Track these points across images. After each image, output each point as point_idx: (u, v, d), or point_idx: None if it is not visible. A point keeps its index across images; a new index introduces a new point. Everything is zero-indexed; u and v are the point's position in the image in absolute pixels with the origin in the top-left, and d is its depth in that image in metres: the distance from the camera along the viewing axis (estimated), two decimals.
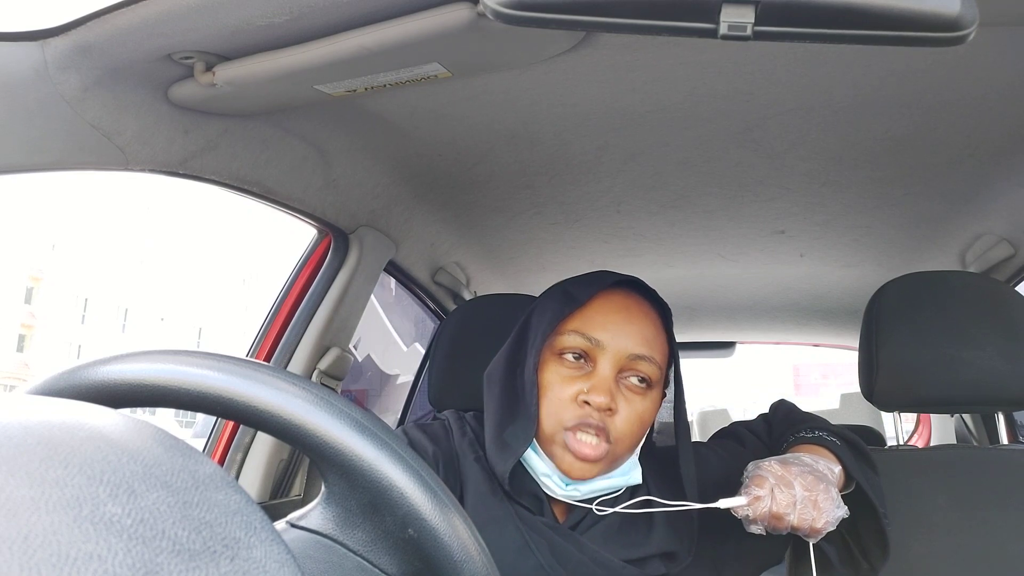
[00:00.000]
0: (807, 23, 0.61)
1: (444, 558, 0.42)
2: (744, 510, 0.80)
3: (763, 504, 0.79)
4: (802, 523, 0.79)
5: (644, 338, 0.90)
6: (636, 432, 0.89)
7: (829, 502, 0.80)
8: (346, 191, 1.38)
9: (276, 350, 1.45)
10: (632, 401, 0.88)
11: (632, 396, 0.89)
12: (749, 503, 0.80)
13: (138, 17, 0.78)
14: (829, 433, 0.94)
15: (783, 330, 2.82)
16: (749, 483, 0.82)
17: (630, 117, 1.20)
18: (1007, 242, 1.62)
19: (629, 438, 0.88)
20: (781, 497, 0.79)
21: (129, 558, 0.23)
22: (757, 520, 0.80)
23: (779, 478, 0.80)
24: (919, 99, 1.13)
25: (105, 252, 35.36)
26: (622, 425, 0.87)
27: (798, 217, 1.67)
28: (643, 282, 0.97)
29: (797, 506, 0.79)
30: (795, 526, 0.79)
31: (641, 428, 0.89)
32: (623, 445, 0.88)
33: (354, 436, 0.42)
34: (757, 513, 0.79)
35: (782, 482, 0.80)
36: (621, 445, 0.88)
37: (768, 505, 0.79)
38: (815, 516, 0.79)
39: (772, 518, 0.79)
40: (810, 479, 0.80)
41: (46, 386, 0.43)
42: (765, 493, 0.79)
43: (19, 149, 0.83)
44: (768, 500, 0.79)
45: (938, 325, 1.15)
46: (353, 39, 0.84)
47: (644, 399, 0.90)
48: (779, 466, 0.82)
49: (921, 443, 3.11)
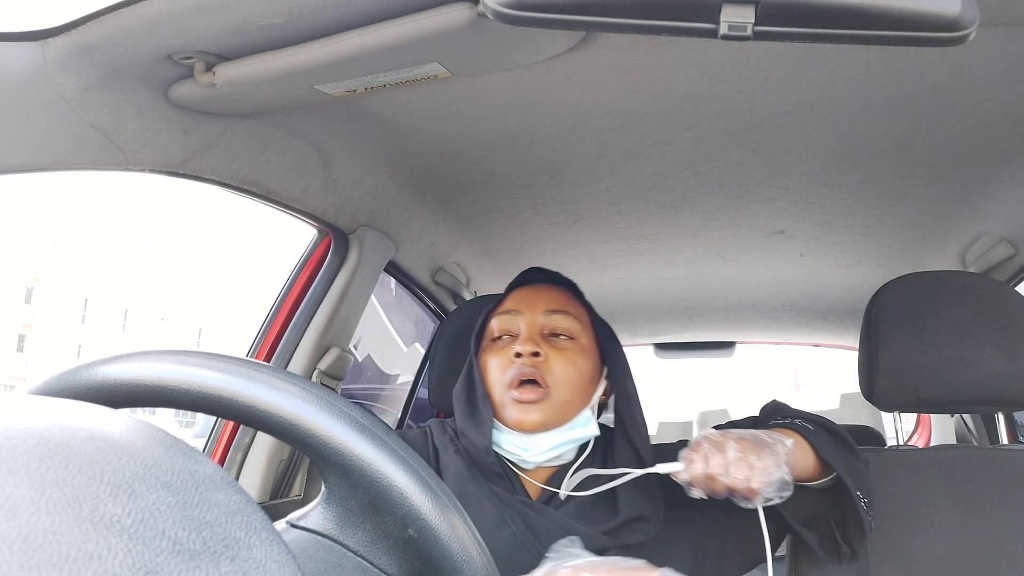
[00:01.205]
0: (807, 23, 0.61)
1: (444, 558, 0.42)
2: (682, 474, 0.84)
3: (697, 466, 0.83)
4: (736, 483, 0.82)
5: (554, 299, 1.04)
6: (572, 376, 0.97)
7: (764, 464, 0.83)
8: (346, 191, 1.38)
9: (276, 350, 1.45)
10: (561, 348, 0.99)
11: (560, 345, 0.99)
12: (685, 466, 0.84)
13: (138, 17, 0.78)
14: (805, 421, 0.96)
15: (783, 330, 2.82)
16: (688, 450, 0.86)
17: (630, 117, 1.20)
18: (1007, 242, 1.62)
19: (566, 381, 0.97)
20: (714, 459, 0.83)
21: (129, 558, 0.23)
22: (694, 483, 0.84)
23: (714, 443, 0.84)
24: (919, 99, 1.13)
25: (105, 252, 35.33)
26: (556, 368, 0.97)
27: (798, 217, 1.67)
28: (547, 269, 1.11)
29: (730, 467, 0.82)
30: (730, 487, 0.83)
31: (577, 373, 0.98)
32: (562, 389, 0.96)
33: (354, 436, 0.42)
34: (692, 475, 0.83)
35: (716, 446, 0.84)
36: (560, 389, 0.96)
37: (702, 467, 0.83)
38: (749, 476, 0.82)
39: (707, 479, 0.83)
40: (746, 443, 0.84)
41: (46, 386, 0.43)
42: (700, 457, 0.84)
43: (19, 149, 0.83)
44: (702, 463, 0.83)
45: (938, 325, 1.15)
46: (353, 39, 0.84)
47: (573, 347, 1.00)
48: (717, 434, 0.86)
49: (921, 443, 3.11)
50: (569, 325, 1.01)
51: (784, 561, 1.23)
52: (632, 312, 2.52)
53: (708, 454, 0.83)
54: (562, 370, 0.97)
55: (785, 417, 0.99)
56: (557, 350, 0.98)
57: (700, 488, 0.84)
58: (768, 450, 0.84)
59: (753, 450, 0.83)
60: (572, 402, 0.97)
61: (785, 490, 0.84)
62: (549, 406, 0.95)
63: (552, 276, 1.10)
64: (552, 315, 1.01)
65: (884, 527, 1.15)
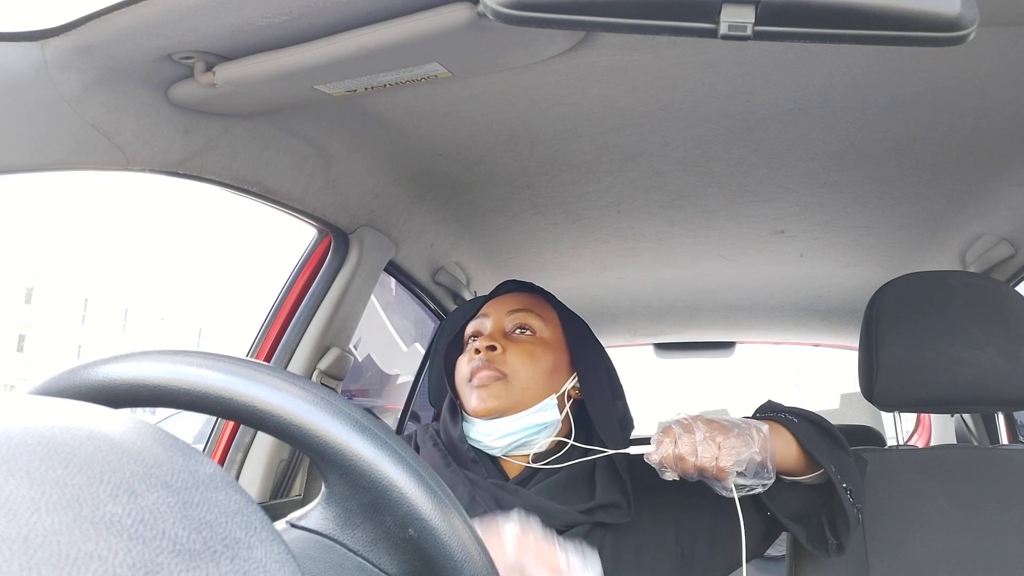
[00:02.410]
0: (807, 23, 0.61)
1: (444, 558, 0.42)
2: (653, 456, 0.88)
3: (665, 447, 0.87)
4: (704, 462, 0.85)
5: (519, 300, 1.12)
6: (529, 364, 1.03)
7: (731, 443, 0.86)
8: (346, 191, 1.38)
9: (276, 350, 1.45)
10: (520, 342, 1.06)
11: (518, 339, 1.07)
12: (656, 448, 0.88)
13: (138, 17, 0.78)
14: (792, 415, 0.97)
15: (783, 330, 2.82)
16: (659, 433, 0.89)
17: (630, 117, 1.20)
18: (1007, 242, 1.62)
19: (523, 369, 1.03)
20: (683, 440, 0.87)
21: (129, 558, 0.23)
22: (664, 464, 0.87)
23: (684, 426, 0.88)
24: (919, 99, 1.13)
25: (105, 252, 35.33)
26: (513, 359, 1.03)
27: (798, 217, 1.67)
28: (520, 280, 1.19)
29: (698, 447, 0.85)
30: (700, 466, 0.86)
31: (534, 362, 1.04)
32: (519, 377, 1.02)
33: (354, 436, 0.42)
34: (662, 455, 0.87)
35: (685, 429, 0.88)
36: (517, 377, 1.02)
37: (671, 448, 0.87)
38: (718, 455, 0.85)
39: (677, 459, 0.86)
40: (715, 426, 0.88)
41: (46, 386, 0.43)
42: (669, 439, 0.88)
43: (19, 149, 0.82)
44: (671, 445, 0.87)
45: (938, 325, 1.15)
46: (353, 39, 0.84)
47: (532, 341, 1.07)
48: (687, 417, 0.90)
49: (921, 443, 3.11)
50: (530, 322, 1.08)
51: (784, 561, 1.23)
52: (632, 312, 2.52)
53: (677, 436, 0.87)
54: (517, 359, 1.03)
55: (775, 412, 1.00)
56: (515, 343, 1.06)
57: (671, 470, 0.87)
58: (736, 430, 0.87)
59: (720, 431, 0.87)
60: (530, 388, 1.02)
61: (763, 476, 0.86)
62: (505, 392, 1.01)
63: (524, 285, 1.18)
64: (514, 314, 1.09)
65: (884, 526, 1.15)
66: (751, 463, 0.85)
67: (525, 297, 1.13)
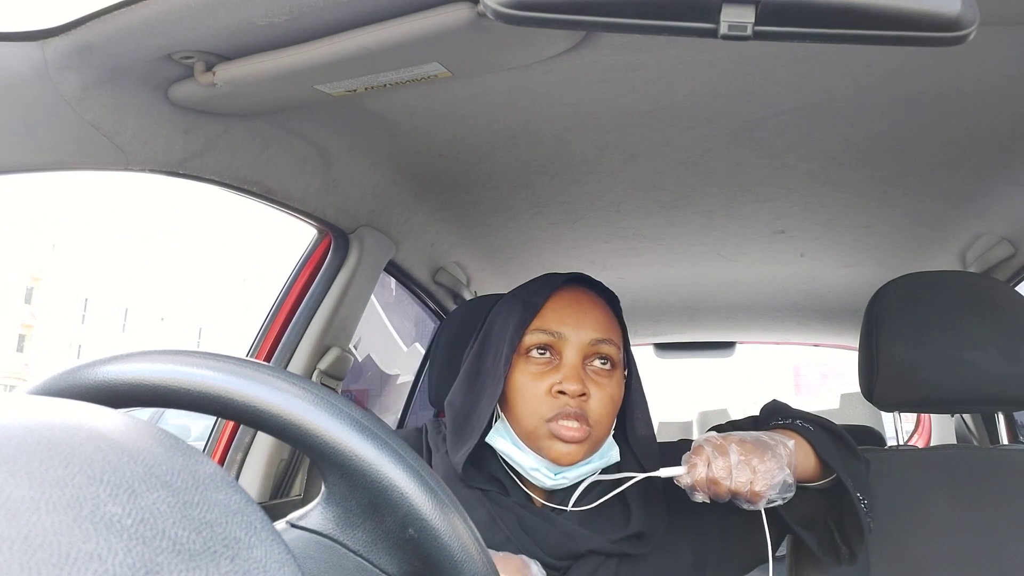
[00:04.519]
0: (807, 23, 0.61)
1: (444, 558, 0.42)
2: (685, 478, 0.84)
3: (699, 470, 0.83)
4: (739, 487, 0.82)
5: (600, 324, 0.96)
6: (610, 412, 0.95)
7: (767, 466, 0.82)
8: (346, 191, 1.38)
9: (276, 350, 1.45)
10: (601, 384, 0.94)
11: (600, 379, 0.95)
12: (688, 470, 0.84)
13: (138, 17, 0.78)
14: (806, 422, 0.96)
15: (783, 330, 2.82)
16: (690, 454, 0.85)
17: (630, 117, 1.20)
18: (1007, 242, 1.62)
19: (606, 418, 0.94)
20: (717, 463, 0.82)
21: (129, 558, 0.23)
22: (697, 487, 0.84)
23: (716, 447, 0.84)
24: (919, 98, 1.13)
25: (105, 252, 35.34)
26: (597, 407, 0.93)
27: (798, 217, 1.67)
28: (589, 276, 1.03)
29: (733, 471, 0.82)
30: (734, 490, 0.82)
31: (614, 408, 0.95)
32: (602, 426, 0.93)
33: (354, 436, 0.42)
34: (695, 479, 0.83)
35: (719, 450, 0.83)
36: (600, 427, 0.93)
37: (704, 471, 0.83)
38: (752, 479, 0.82)
39: (710, 483, 0.83)
40: (748, 446, 0.84)
41: (46, 386, 0.43)
42: (702, 461, 0.83)
43: (19, 149, 0.82)
44: (704, 467, 0.83)
45: (938, 325, 1.15)
46: (353, 39, 0.84)
47: (611, 380, 0.96)
48: (719, 437, 0.86)
49: (921, 443, 3.11)
50: (611, 353, 0.95)
51: (784, 561, 1.23)
52: (632, 312, 2.50)
53: (711, 458, 0.83)
54: (602, 408, 0.93)
55: (786, 418, 0.99)
56: (597, 385, 0.93)
57: (703, 492, 0.84)
58: (771, 452, 0.84)
59: (756, 453, 0.83)
60: (605, 436, 0.96)
61: (788, 492, 0.84)
62: (589, 444, 0.92)
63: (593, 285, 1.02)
64: (598, 344, 0.94)
65: (884, 527, 1.15)
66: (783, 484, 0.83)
67: (602, 314, 0.98)
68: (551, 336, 0.94)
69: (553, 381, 0.92)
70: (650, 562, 0.95)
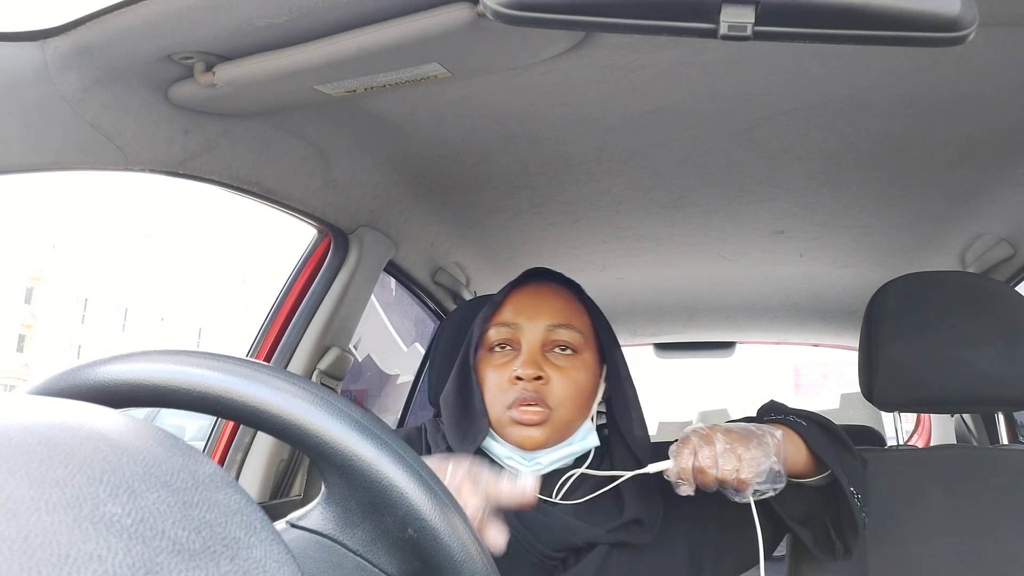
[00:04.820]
0: (807, 23, 0.61)
1: (444, 558, 0.42)
2: (672, 469, 0.84)
3: (685, 459, 0.83)
4: (725, 475, 0.82)
5: (557, 310, 0.99)
6: (574, 395, 0.96)
7: (752, 454, 0.83)
8: (346, 191, 1.38)
9: (276, 350, 1.45)
10: (562, 368, 0.96)
11: (561, 363, 0.97)
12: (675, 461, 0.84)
13: (138, 17, 0.78)
14: (800, 418, 0.96)
15: (783, 330, 2.82)
16: (677, 445, 0.86)
17: (630, 117, 1.20)
18: (1007, 242, 1.62)
19: (569, 401, 0.95)
20: (703, 452, 0.83)
21: (129, 558, 0.23)
22: (683, 477, 0.84)
23: (702, 437, 0.84)
24: (919, 99, 1.13)
25: (105, 252, 35.34)
26: (558, 389, 0.95)
27: (797, 217, 1.67)
28: (549, 269, 1.07)
29: (719, 459, 0.82)
30: (720, 479, 0.83)
31: (578, 392, 0.96)
32: (565, 409, 0.95)
33: (354, 436, 0.42)
34: (681, 468, 0.83)
35: (705, 440, 0.84)
36: (563, 409, 0.95)
37: (691, 461, 0.83)
38: (739, 467, 0.82)
39: (697, 472, 0.83)
40: (734, 435, 0.84)
41: (46, 386, 0.43)
42: (688, 451, 0.84)
43: (19, 149, 0.83)
44: (690, 456, 0.83)
45: (938, 325, 1.15)
46: (353, 39, 0.84)
47: (574, 364, 0.97)
48: (705, 428, 0.86)
49: (921, 443, 3.11)
50: (571, 338, 0.98)
51: (784, 561, 1.23)
52: (632, 312, 2.52)
53: (696, 448, 0.84)
54: (563, 390, 0.95)
55: (780, 414, 1.00)
56: (558, 369, 0.96)
57: (689, 483, 0.84)
58: (756, 440, 0.84)
59: (741, 441, 0.84)
60: (573, 420, 0.96)
61: (777, 482, 0.84)
62: (551, 427, 0.94)
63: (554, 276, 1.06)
64: (555, 330, 0.97)
65: (884, 527, 1.15)
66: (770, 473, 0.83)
67: (561, 302, 1.01)
68: (509, 328, 0.99)
69: (512, 370, 0.95)
70: (647, 557, 0.96)
